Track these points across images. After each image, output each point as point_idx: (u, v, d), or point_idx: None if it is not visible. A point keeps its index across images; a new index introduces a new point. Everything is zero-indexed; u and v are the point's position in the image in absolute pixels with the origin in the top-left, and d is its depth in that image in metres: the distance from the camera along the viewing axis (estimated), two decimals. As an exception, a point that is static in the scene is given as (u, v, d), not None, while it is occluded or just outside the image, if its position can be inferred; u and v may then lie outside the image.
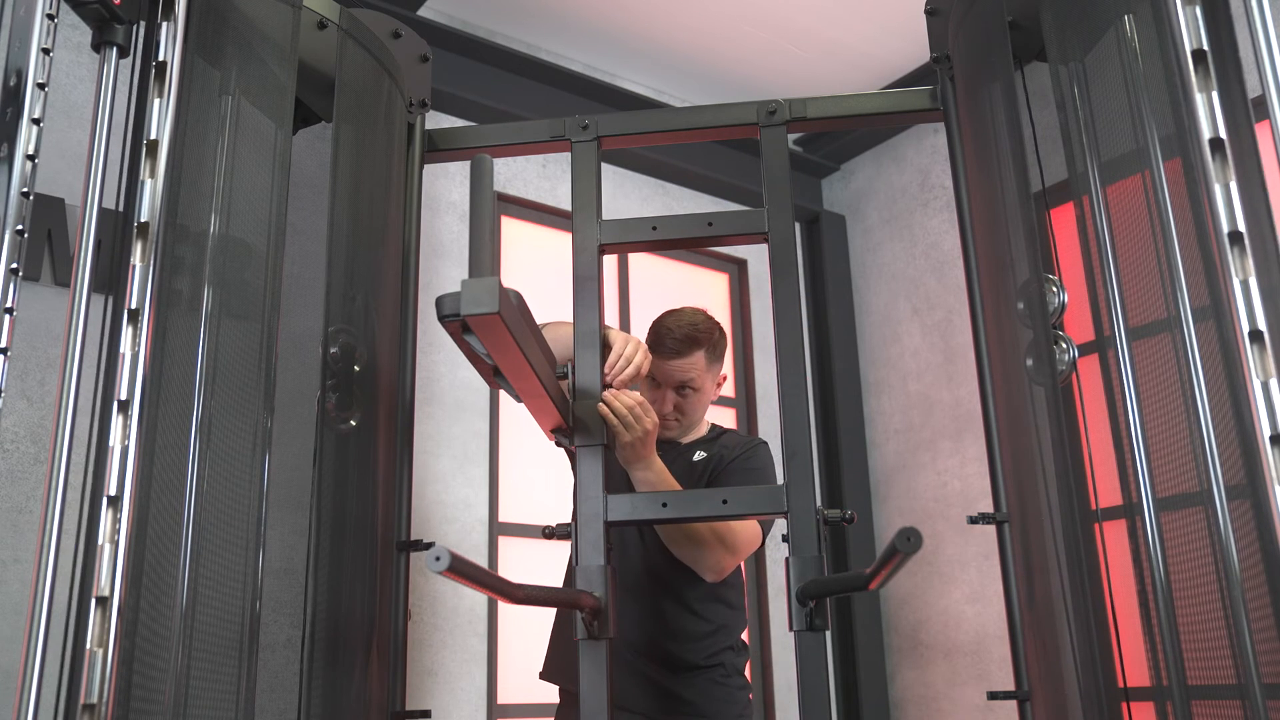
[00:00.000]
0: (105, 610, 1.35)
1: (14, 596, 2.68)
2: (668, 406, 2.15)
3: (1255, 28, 1.31)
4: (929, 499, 4.36)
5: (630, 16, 4.07)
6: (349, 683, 1.69)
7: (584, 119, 2.12)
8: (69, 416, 1.40)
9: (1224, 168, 1.32)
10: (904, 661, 4.35)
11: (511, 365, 1.58)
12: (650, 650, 2.11)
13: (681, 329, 2.15)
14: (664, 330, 2.16)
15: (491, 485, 3.73)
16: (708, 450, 2.20)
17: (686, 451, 2.21)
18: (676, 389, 2.15)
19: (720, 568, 2.07)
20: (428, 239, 3.66)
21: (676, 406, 2.16)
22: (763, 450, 2.21)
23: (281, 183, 1.67)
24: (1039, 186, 1.68)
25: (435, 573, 1.14)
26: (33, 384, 2.86)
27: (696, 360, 2.14)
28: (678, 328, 2.15)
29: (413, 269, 2.07)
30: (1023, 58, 1.77)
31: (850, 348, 4.72)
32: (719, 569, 2.07)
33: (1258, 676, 1.20)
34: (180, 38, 1.58)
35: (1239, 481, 1.25)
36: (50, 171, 2.84)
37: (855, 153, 4.88)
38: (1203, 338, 1.32)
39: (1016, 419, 1.73)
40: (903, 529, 1.19)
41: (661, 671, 2.10)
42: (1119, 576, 1.46)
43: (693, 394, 2.16)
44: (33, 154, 1.44)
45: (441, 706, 3.40)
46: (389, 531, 1.88)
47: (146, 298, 1.47)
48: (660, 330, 2.17)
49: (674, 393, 2.15)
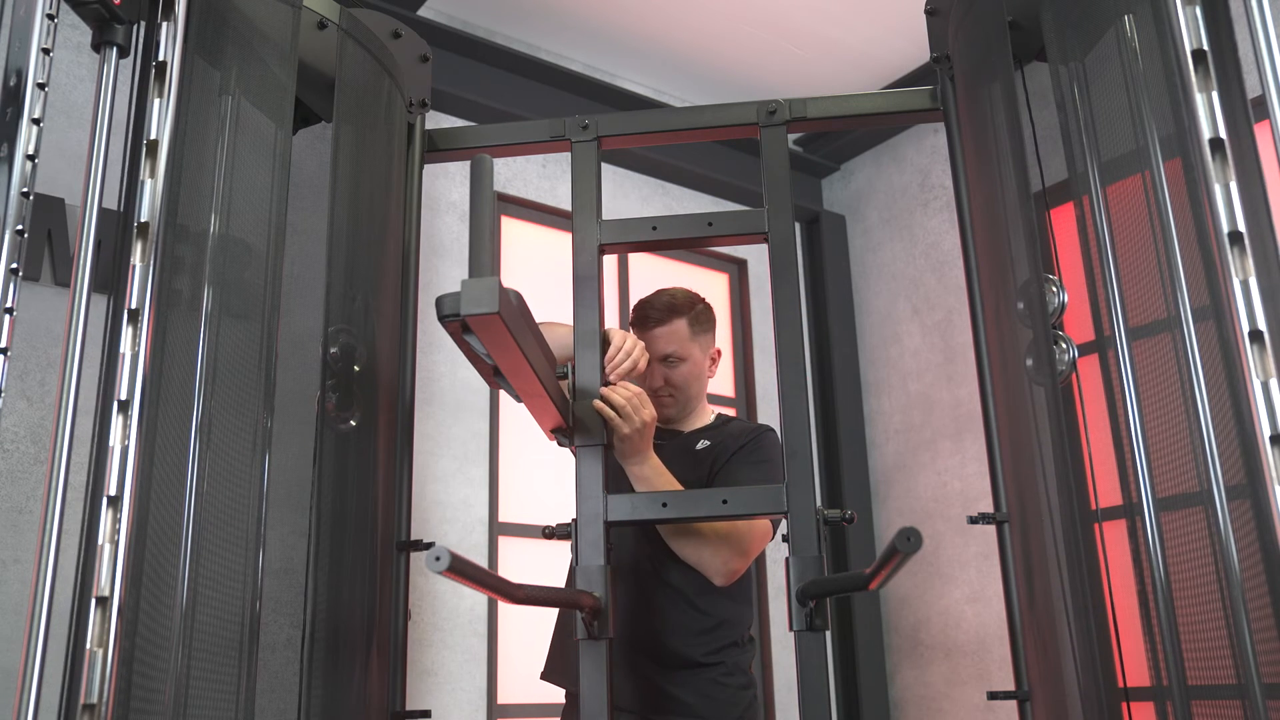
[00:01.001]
0: (105, 610, 1.35)
1: (14, 596, 2.68)
2: (657, 381, 2.15)
3: (1255, 28, 1.31)
4: (929, 499, 4.36)
5: (630, 16, 4.07)
6: (349, 683, 1.69)
7: (584, 119, 2.12)
8: (69, 416, 1.40)
9: (1224, 168, 1.32)
10: (904, 661, 4.35)
11: (511, 365, 1.58)
12: (644, 645, 2.04)
13: (662, 300, 2.20)
14: (645, 304, 2.22)
15: (491, 485, 3.73)
16: (711, 439, 2.17)
17: (689, 440, 2.18)
18: (663, 360, 2.15)
19: (730, 570, 2.02)
20: (428, 239, 3.66)
21: (667, 380, 2.15)
22: (768, 438, 2.16)
23: (281, 183, 1.67)
24: (1039, 186, 1.68)
25: (435, 573, 1.14)
26: (33, 384, 2.86)
27: (678, 328, 2.16)
28: (658, 300, 2.21)
29: (413, 269, 2.07)
30: (1023, 58, 1.77)
31: (850, 348, 4.72)
32: (728, 572, 2.02)
33: (1258, 676, 1.20)
34: (180, 38, 1.58)
35: (1239, 481, 1.25)
36: (50, 171, 2.84)
37: (855, 153, 4.88)
38: (1203, 338, 1.32)
39: (1016, 419, 1.73)
40: (903, 529, 1.19)
41: (656, 668, 2.04)
42: (1119, 576, 1.46)
43: (680, 364, 2.15)
44: (33, 154, 1.44)
45: (441, 706, 3.40)
46: (389, 531, 1.88)
47: (146, 298, 1.47)
48: (642, 305, 2.23)
49: (661, 365, 2.15)
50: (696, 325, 2.19)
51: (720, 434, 2.19)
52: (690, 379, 2.18)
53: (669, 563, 2.07)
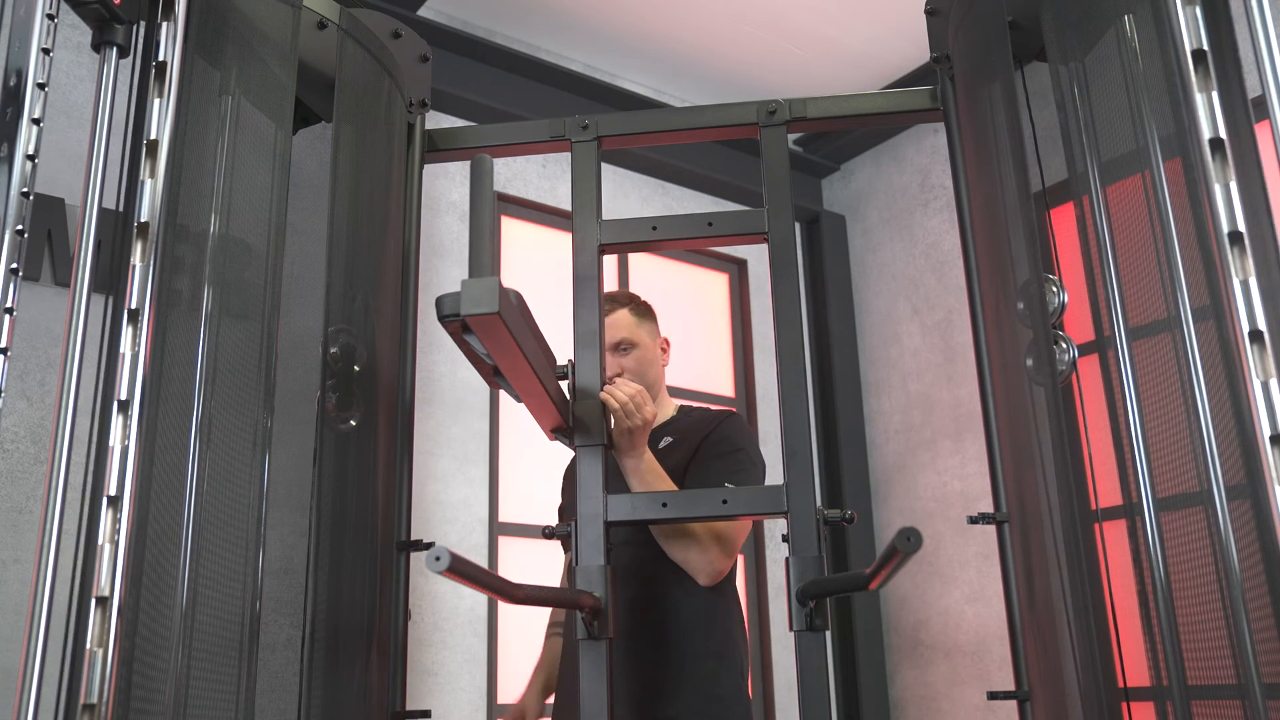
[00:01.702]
0: (105, 610, 1.35)
1: (14, 596, 2.68)
2: (614, 369, 2.19)
3: (1255, 28, 1.31)
4: (929, 499, 4.36)
5: (630, 16, 4.07)
6: (349, 683, 1.69)
7: (584, 119, 2.12)
8: (69, 416, 1.40)
9: (1224, 168, 1.32)
10: (904, 661, 4.35)
11: (511, 365, 1.58)
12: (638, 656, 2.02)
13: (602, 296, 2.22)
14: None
15: (491, 485, 3.73)
16: (674, 435, 2.19)
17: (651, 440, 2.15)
18: (615, 349, 2.21)
19: (715, 570, 2.02)
20: (428, 239, 3.66)
21: (623, 368, 2.21)
22: (731, 423, 2.17)
23: (281, 183, 1.67)
24: (1039, 186, 1.68)
25: (435, 573, 1.14)
26: (33, 384, 2.86)
27: (621, 315, 2.23)
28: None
29: (413, 269, 2.07)
30: (1023, 58, 1.77)
31: (850, 348, 4.72)
32: (714, 572, 2.02)
33: (1258, 676, 1.20)
34: (180, 38, 1.58)
35: (1239, 481, 1.25)
36: (50, 171, 2.84)
37: (855, 153, 4.88)
38: (1203, 338, 1.32)
39: (1016, 419, 1.73)
40: (903, 529, 1.19)
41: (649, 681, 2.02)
42: (1119, 576, 1.46)
43: (632, 349, 2.22)
44: (33, 154, 1.44)
45: (441, 706, 3.40)
46: (389, 531, 1.88)
47: (146, 298, 1.47)
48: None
49: (614, 355, 2.21)
50: (638, 314, 2.27)
51: (681, 429, 2.20)
52: (644, 364, 2.23)
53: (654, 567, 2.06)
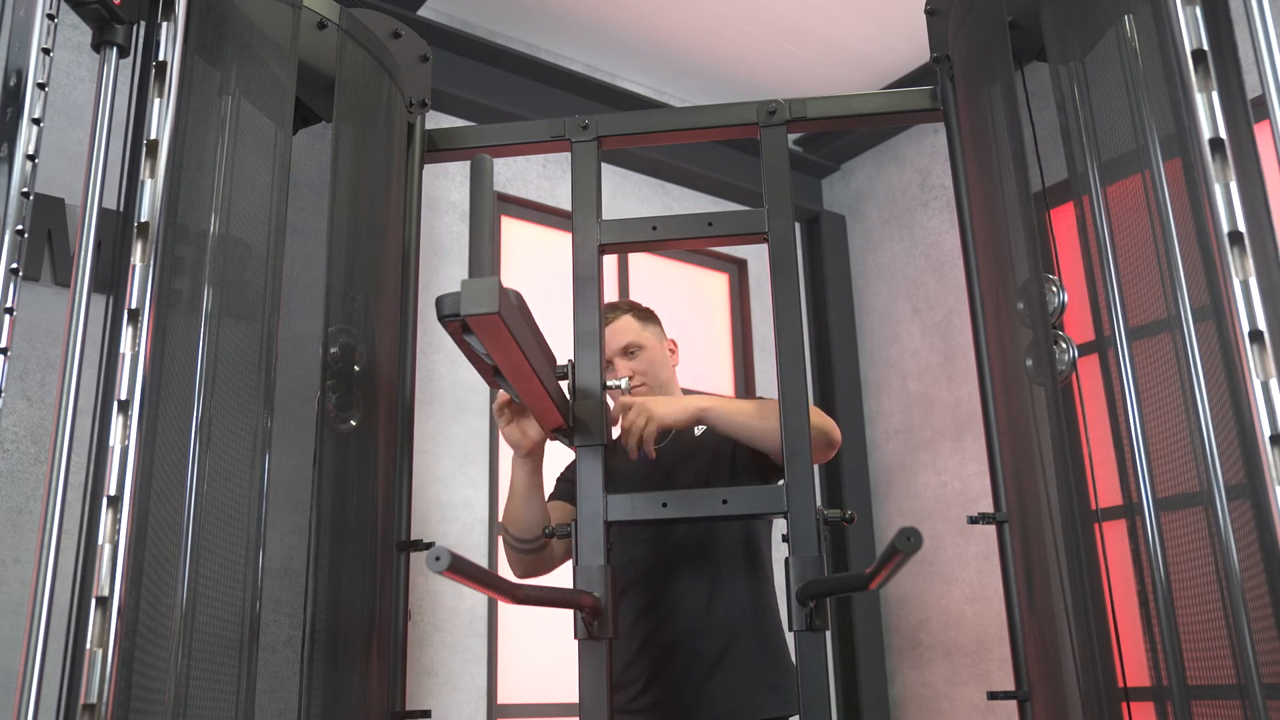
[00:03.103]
0: (105, 610, 1.35)
1: (14, 596, 2.68)
2: (625, 372, 2.21)
3: (1255, 28, 1.31)
4: (929, 499, 4.35)
5: (630, 16, 4.07)
6: (349, 683, 1.69)
7: (584, 119, 2.12)
8: (69, 416, 1.40)
9: (1224, 168, 1.32)
10: (904, 661, 4.35)
11: (511, 365, 1.58)
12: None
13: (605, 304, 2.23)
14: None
15: (491, 485, 3.73)
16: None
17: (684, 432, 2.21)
18: (624, 353, 2.22)
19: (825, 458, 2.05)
20: (428, 239, 3.66)
21: (634, 370, 2.22)
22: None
23: (281, 183, 1.67)
24: (1039, 186, 1.68)
25: (435, 573, 1.14)
26: (33, 384, 2.86)
27: (626, 320, 2.26)
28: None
29: (413, 269, 2.07)
30: (1023, 58, 1.77)
31: (850, 348, 4.71)
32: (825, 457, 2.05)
33: (1258, 676, 1.20)
34: (180, 38, 1.58)
35: (1239, 481, 1.25)
36: (50, 171, 2.84)
37: (855, 153, 4.88)
38: (1203, 338, 1.32)
39: (1016, 419, 1.73)
40: (903, 529, 1.19)
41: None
42: (1119, 576, 1.46)
43: (640, 351, 2.23)
44: (33, 154, 1.44)
45: (441, 706, 3.40)
46: (389, 531, 1.88)
47: (146, 298, 1.47)
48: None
49: (624, 359, 2.22)
50: (640, 318, 2.29)
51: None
52: (654, 364, 2.25)
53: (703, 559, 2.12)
